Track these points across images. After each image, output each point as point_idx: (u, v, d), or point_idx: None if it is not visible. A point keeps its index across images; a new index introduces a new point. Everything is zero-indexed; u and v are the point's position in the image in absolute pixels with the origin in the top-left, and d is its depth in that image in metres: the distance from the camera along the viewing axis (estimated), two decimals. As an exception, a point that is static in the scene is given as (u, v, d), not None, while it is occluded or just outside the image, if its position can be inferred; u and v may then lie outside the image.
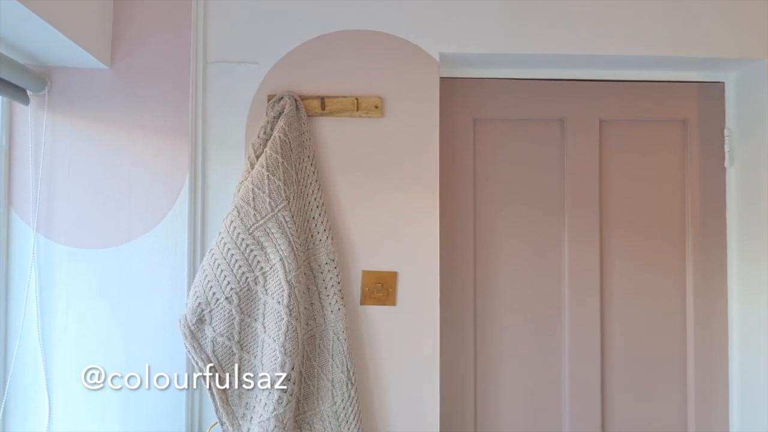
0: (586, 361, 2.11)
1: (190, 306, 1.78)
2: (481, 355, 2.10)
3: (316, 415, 1.82)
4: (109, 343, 1.84)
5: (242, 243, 1.77)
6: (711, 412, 2.15)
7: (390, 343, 1.92)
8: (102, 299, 1.85)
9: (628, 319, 2.14)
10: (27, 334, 1.83)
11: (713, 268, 2.14)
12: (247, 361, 1.79)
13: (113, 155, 1.87)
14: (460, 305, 2.09)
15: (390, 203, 1.92)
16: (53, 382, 1.83)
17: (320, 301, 1.85)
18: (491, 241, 2.11)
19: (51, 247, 1.85)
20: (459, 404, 2.08)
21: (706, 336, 2.14)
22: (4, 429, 1.81)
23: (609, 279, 2.13)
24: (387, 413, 1.91)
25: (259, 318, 1.79)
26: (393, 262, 1.93)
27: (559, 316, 2.12)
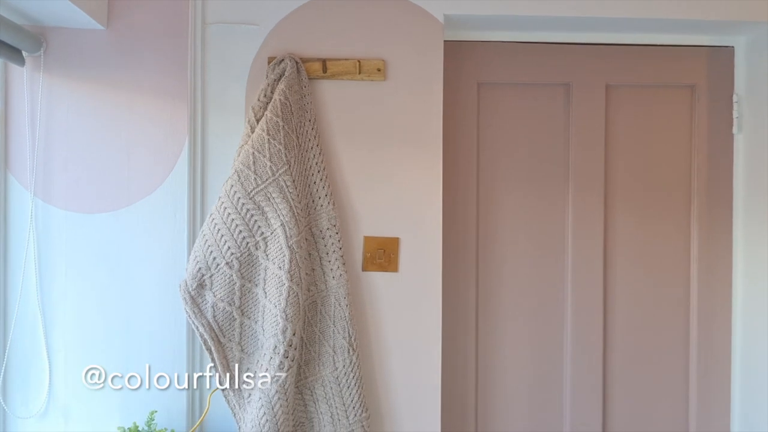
0: (589, 328, 2.10)
1: (190, 271, 1.76)
2: (483, 321, 2.09)
3: (317, 380, 1.81)
4: (108, 309, 1.83)
5: (243, 208, 1.74)
6: (712, 380, 2.14)
7: (392, 310, 1.90)
8: (101, 264, 1.83)
9: (632, 284, 2.12)
10: (26, 299, 1.82)
11: (718, 235, 2.12)
12: (248, 327, 1.78)
13: (111, 118, 1.84)
14: (463, 271, 2.07)
15: (392, 168, 1.90)
16: (53, 347, 1.82)
17: (321, 267, 1.84)
18: (494, 207, 2.09)
19: (49, 211, 1.83)
20: (460, 370, 2.07)
21: (709, 302, 2.13)
22: (5, 393, 1.81)
23: (612, 244, 2.11)
24: (388, 379, 1.90)
25: (260, 283, 1.77)
26: (395, 227, 1.90)
27: (562, 282, 2.11)
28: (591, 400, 2.11)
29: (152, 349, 1.82)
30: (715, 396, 2.14)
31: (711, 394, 2.14)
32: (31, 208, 1.82)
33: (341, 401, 1.81)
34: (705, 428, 2.14)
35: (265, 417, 1.70)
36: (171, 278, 1.82)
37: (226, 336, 1.77)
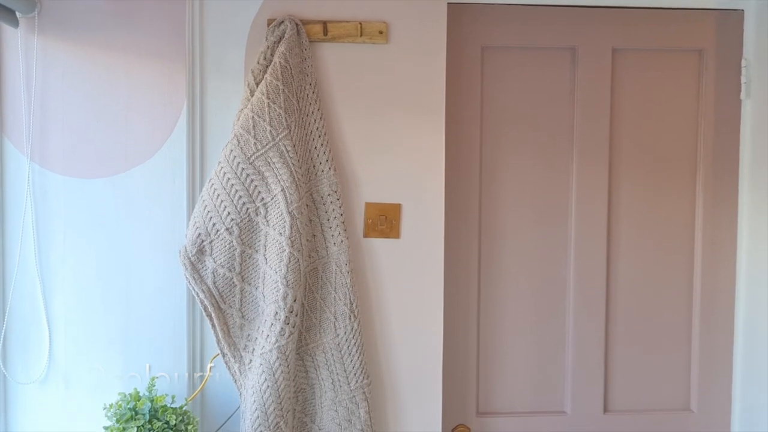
0: (592, 295, 2.09)
1: (190, 237, 1.74)
2: (485, 288, 2.08)
3: (318, 347, 1.81)
4: (108, 275, 1.81)
5: (242, 173, 1.72)
6: (715, 346, 2.13)
7: (393, 276, 1.89)
8: (100, 230, 1.81)
9: (635, 252, 2.10)
10: (25, 265, 1.80)
11: (723, 203, 2.10)
12: (249, 293, 1.77)
13: (108, 82, 1.80)
14: (465, 238, 2.05)
15: (394, 133, 1.87)
16: (52, 313, 1.81)
17: (322, 233, 1.82)
18: (497, 174, 2.06)
19: (46, 176, 1.80)
20: (462, 337, 2.07)
21: (713, 270, 2.12)
22: (5, 359, 1.80)
23: (616, 212, 2.09)
24: (390, 346, 1.89)
25: (260, 249, 1.76)
26: (397, 194, 1.88)
27: (565, 250, 2.09)
28: (593, 367, 2.10)
29: (152, 316, 1.81)
30: (717, 360, 2.13)
31: (713, 359, 2.13)
32: (28, 173, 1.79)
33: (342, 368, 1.80)
34: (707, 392, 2.14)
35: (266, 383, 1.69)
36: (171, 244, 1.80)
37: (227, 302, 1.76)
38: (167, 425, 1.66)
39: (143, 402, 1.68)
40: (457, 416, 2.08)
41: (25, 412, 1.81)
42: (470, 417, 2.09)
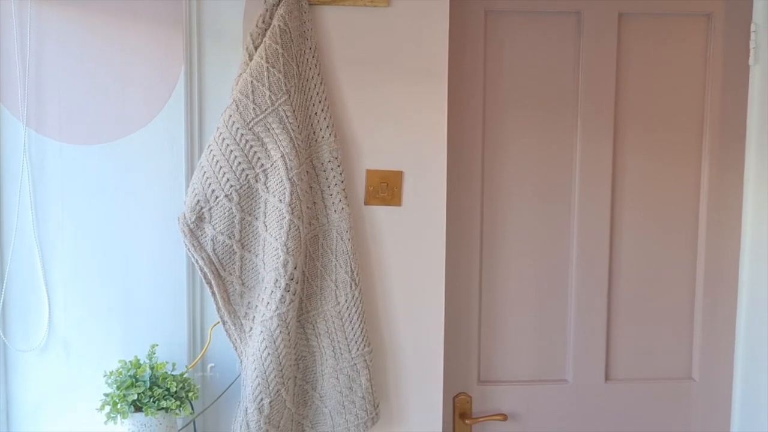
0: (594, 265, 2.07)
1: (189, 204, 1.72)
2: (488, 257, 2.06)
3: (319, 315, 1.80)
4: (107, 242, 1.79)
5: (242, 139, 1.69)
6: (718, 316, 2.12)
7: (395, 244, 1.87)
8: (98, 197, 1.79)
9: (640, 222, 2.09)
10: (22, 233, 1.78)
11: (729, 171, 2.07)
12: (249, 261, 1.75)
13: (103, 46, 1.77)
14: (467, 206, 2.03)
15: (396, 99, 1.83)
16: (51, 281, 1.80)
17: (323, 201, 1.79)
18: (501, 141, 2.03)
19: (43, 142, 1.78)
20: (464, 305, 2.06)
21: (718, 239, 2.10)
22: (5, 327, 1.80)
23: (621, 180, 2.06)
24: (391, 314, 1.88)
25: (260, 216, 1.74)
26: (398, 161, 1.85)
27: (568, 219, 2.07)
28: (595, 335, 2.10)
29: (152, 283, 1.80)
30: (720, 329, 2.13)
31: (716, 328, 2.13)
32: (24, 139, 1.77)
33: (343, 336, 1.79)
34: (709, 361, 2.13)
35: (267, 350, 1.69)
36: (170, 211, 1.78)
37: (227, 269, 1.74)
38: (168, 392, 1.66)
39: (143, 369, 1.67)
40: (458, 384, 2.08)
41: (25, 380, 1.81)
42: (471, 385, 2.09)
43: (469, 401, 2.09)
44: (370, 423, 1.81)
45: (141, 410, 1.64)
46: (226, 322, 1.76)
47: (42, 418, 1.81)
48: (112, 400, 1.63)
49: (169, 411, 1.66)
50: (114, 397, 1.63)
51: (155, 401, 1.64)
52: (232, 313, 1.75)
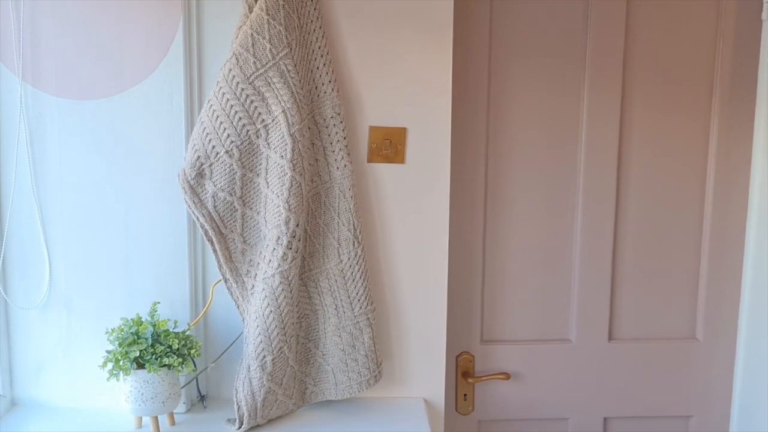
0: (600, 222, 2.05)
1: (189, 160, 1.69)
2: (492, 215, 2.04)
3: (321, 273, 1.78)
4: (106, 199, 1.77)
5: (242, 93, 1.66)
6: (724, 265, 2.11)
7: (398, 202, 1.84)
8: (97, 154, 1.76)
9: (646, 175, 2.06)
10: (21, 189, 1.76)
11: (739, 128, 2.04)
12: (250, 218, 1.73)
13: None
14: (472, 163, 2.00)
15: (400, 53, 1.79)
16: (51, 238, 1.78)
17: (325, 158, 1.76)
18: (507, 96, 1.99)
19: (40, 97, 1.74)
20: (467, 264, 2.04)
21: (725, 196, 2.07)
22: (5, 284, 1.78)
23: (629, 133, 2.03)
24: (394, 273, 1.87)
25: (261, 173, 1.71)
26: (402, 117, 1.82)
27: (574, 172, 2.04)
28: (599, 295, 2.09)
29: (152, 241, 1.78)
30: (725, 289, 2.12)
31: (721, 288, 2.12)
32: (21, 94, 1.73)
33: (346, 294, 1.78)
34: (713, 321, 2.12)
35: (269, 308, 1.68)
36: (170, 168, 1.75)
37: (228, 227, 1.72)
38: (170, 349, 1.65)
39: (145, 326, 1.66)
40: (460, 344, 2.08)
41: (27, 337, 1.80)
42: (474, 344, 2.09)
43: (471, 360, 2.08)
44: (373, 381, 1.81)
45: (143, 367, 1.63)
46: (228, 280, 1.75)
47: (45, 375, 1.81)
48: (115, 357, 1.63)
49: (172, 368, 1.65)
50: (116, 354, 1.63)
51: (157, 358, 1.63)
52: (233, 271, 1.74)
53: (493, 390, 2.11)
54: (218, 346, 1.85)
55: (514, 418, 2.13)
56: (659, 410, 2.16)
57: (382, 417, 1.80)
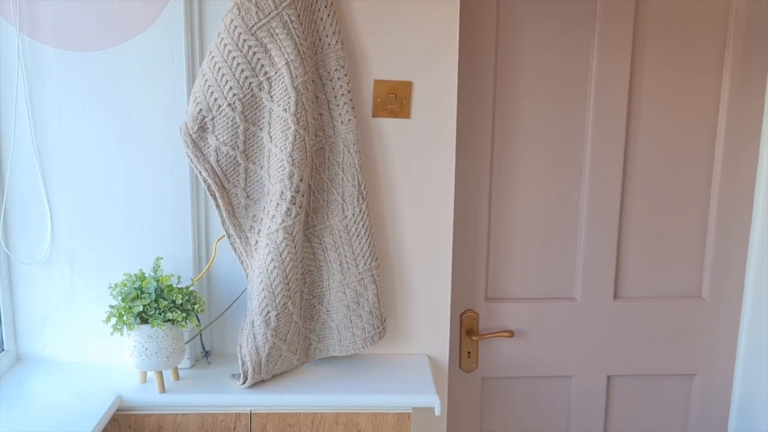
0: (608, 174, 2.02)
1: (191, 113, 1.67)
2: (498, 171, 2.01)
3: (326, 229, 1.76)
4: (107, 154, 1.74)
5: (244, 44, 1.62)
6: (732, 224, 2.09)
7: (403, 158, 1.82)
8: (97, 107, 1.73)
9: (656, 131, 2.02)
10: (20, 143, 1.73)
11: (752, 79, 1.99)
12: (253, 172, 1.71)
13: (97, -55, 1.67)
14: (479, 117, 1.96)
15: (406, 6, 1.74)
16: (52, 193, 1.76)
17: (329, 112, 1.73)
18: (515, 50, 1.95)
19: (38, 49, 1.70)
20: (473, 221, 2.02)
21: (735, 153, 2.04)
22: (7, 239, 1.77)
23: (638, 88, 1.99)
24: (399, 229, 1.85)
25: (264, 127, 1.68)
26: (408, 71, 1.78)
27: (582, 128, 2.00)
28: (605, 253, 2.07)
29: (155, 196, 1.76)
30: (733, 248, 2.10)
31: (728, 246, 2.10)
32: (18, 45, 1.69)
33: (351, 250, 1.77)
34: (719, 280, 2.11)
35: (273, 264, 1.66)
36: (171, 121, 1.72)
37: (231, 182, 1.70)
38: (173, 304, 1.64)
39: (148, 281, 1.65)
40: (465, 301, 2.07)
41: (30, 292, 1.79)
42: (479, 302, 2.08)
43: (476, 318, 2.08)
44: (377, 337, 1.81)
45: (147, 322, 1.63)
46: (231, 236, 1.73)
47: (49, 330, 1.81)
48: (118, 312, 1.62)
49: (176, 323, 1.65)
50: (120, 309, 1.62)
51: (161, 313, 1.62)
52: (237, 227, 1.72)
53: (497, 348, 2.11)
54: (222, 302, 1.84)
55: (517, 376, 2.13)
56: (663, 369, 2.16)
57: (385, 373, 1.80)
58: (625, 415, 2.19)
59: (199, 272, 1.80)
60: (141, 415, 1.65)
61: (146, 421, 1.66)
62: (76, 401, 1.62)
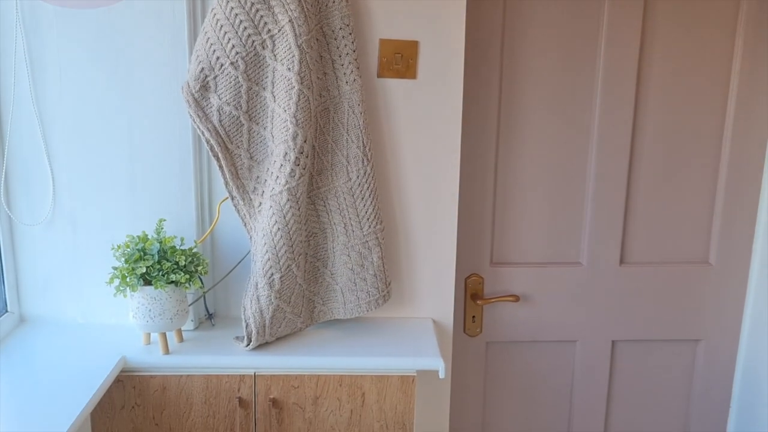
0: (616, 137, 1.99)
1: (193, 72, 1.64)
2: (504, 131, 1.98)
3: (330, 191, 1.74)
4: (108, 113, 1.72)
5: (246, 1, 1.58)
6: (741, 189, 2.06)
7: (409, 119, 1.79)
8: (97, 65, 1.70)
9: (666, 92, 1.98)
10: (20, 104, 1.70)
11: (766, 34, 1.94)
12: (257, 133, 1.68)
13: None
14: (486, 78, 1.93)
15: (412, -40, 1.70)
16: (53, 152, 1.73)
17: (334, 71, 1.70)
18: (523, 9, 1.90)
19: (37, 6, 1.66)
20: (479, 184, 2.00)
21: (746, 115, 2.01)
22: (8, 200, 1.75)
23: (650, 45, 1.95)
24: (404, 191, 1.83)
25: (267, 86, 1.65)
26: (414, 30, 1.74)
27: (591, 90, 1.97)
28: (612, 218, 2.05)
29: (157, 157, 1.74)
30: (741, 213, 2.08)
31: (737, 212, 2.08)
32: (17, 2, 1.65)
33: (355, 212, 1.75)
34: (727, 246, 2.09)
35: (277, 226, 1.65)
36: (173, 80, 1.69)
37: (234, 142, 1.68)
38: (177, 265, 1.63)
39: (151, 243, 1.64)
40: (470, 266, 2.06)
41: (33, 254, 1.78)
42: (484, 266, 2.06)
43: (481, 282, 2.07)
44: (381, 301, 1.80)
45: (150, 284, 1.62)
46: (235, 197, 1.71)
47: (52, 291, 1.80)
48: (121, 273, 1.61)
49: (179, 284, 1.64)
50: (123, 271, 1.61)
51: (164, 275, 1.61)
52: (240, 188, 1.70)
53: (501, 312, 2.10)
54: (225, 264, 1.83)
55: (521, 341, 2.13)
56: (668, 334, 2.15)
57: (390, 336, 1.80)
58: (629, 381, 2.19)
59: (203, 234, 1.79)
60: (145, 377, 1.65)
61: (150, 382, 1.66)
62: (80, 362, 1.61)
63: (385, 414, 1.70)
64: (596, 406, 2.19)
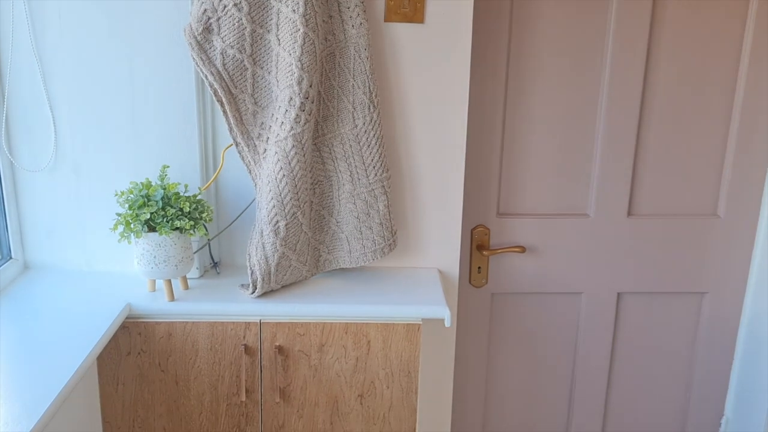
0: (627, 87, 1.96)
1: (195, 13, 1.59)
2: (513, 78, 1.94)
3: (336, 137, 1.71)
4: (109, 57, 1.68)
5: (250, -60, 1.53)
6: (752, 142, 2.03)
7: (416, 65, 1.75)
8: (98, 9, 1.65)
9: (678, 46, 1.94)
10: (19, 47, 1.67)
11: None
12: (261, 77, 1.65)
13: None
14: (495, 24, 1.88)
15: None
16: (55, 99, 1.70)
17: (340, 14, 1.66)
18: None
19: (34, -55, 1.62)
20: (487, 134, 1.97)
21: (758, 70, 1.96)
22: (10, 146, 1.73)
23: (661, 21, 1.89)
24: (411, 139, 1.80)
25: (272, 29, 1.61)
26: (422, -28, 1.69)
27: (602, 40, 1.92)
28: (620, 170, 2.02)
29: (160, 102, 1.70)
30: (751, 165, 2.05)
31: (747, 164, 2.06)
32: (13, -60, 1.61)
33: (361, 160, 1.72)
34: (736, 198, 2.07)
35: (282, 172, 1.62)
36: (176, 23, 1.65)
37: (238, 87, 1.64)
38: (181, 212, 1.61)
39: (155, 189, 1.62)
40: (477, 216, 2.04)
41: (36, 200, 1.77)
42: (490, 217, 2.05)
43: (487, 233, 2.05)
44: (387, 250, 1.78)
45: (155, 230, 1.60)
46: (239, 144, 1.69)
47: (56, 238, 1.79)
48: (125, 219, 1.59)
49: (184, 231, 1.62)
50: (127, 217, 1.59)
51: (169, 221, 1.59)
52: (245, 134, 1.68)
53: (507, 263, 2.09)
54: (230, 211, 1.82)
55: (527, 292, 2.12)
56: (674, 287, 2.14)
57: (396, 285, 1.79)
58: (633, 333, 2.19)
59: (207, 182, 1.77)
60: (151, 323, 1.65)
61: (156, 328, 1.65)
62: (85, 309, 1.61)
63: (390, 362, 1.70)
64: (600, 358, 2.20)
